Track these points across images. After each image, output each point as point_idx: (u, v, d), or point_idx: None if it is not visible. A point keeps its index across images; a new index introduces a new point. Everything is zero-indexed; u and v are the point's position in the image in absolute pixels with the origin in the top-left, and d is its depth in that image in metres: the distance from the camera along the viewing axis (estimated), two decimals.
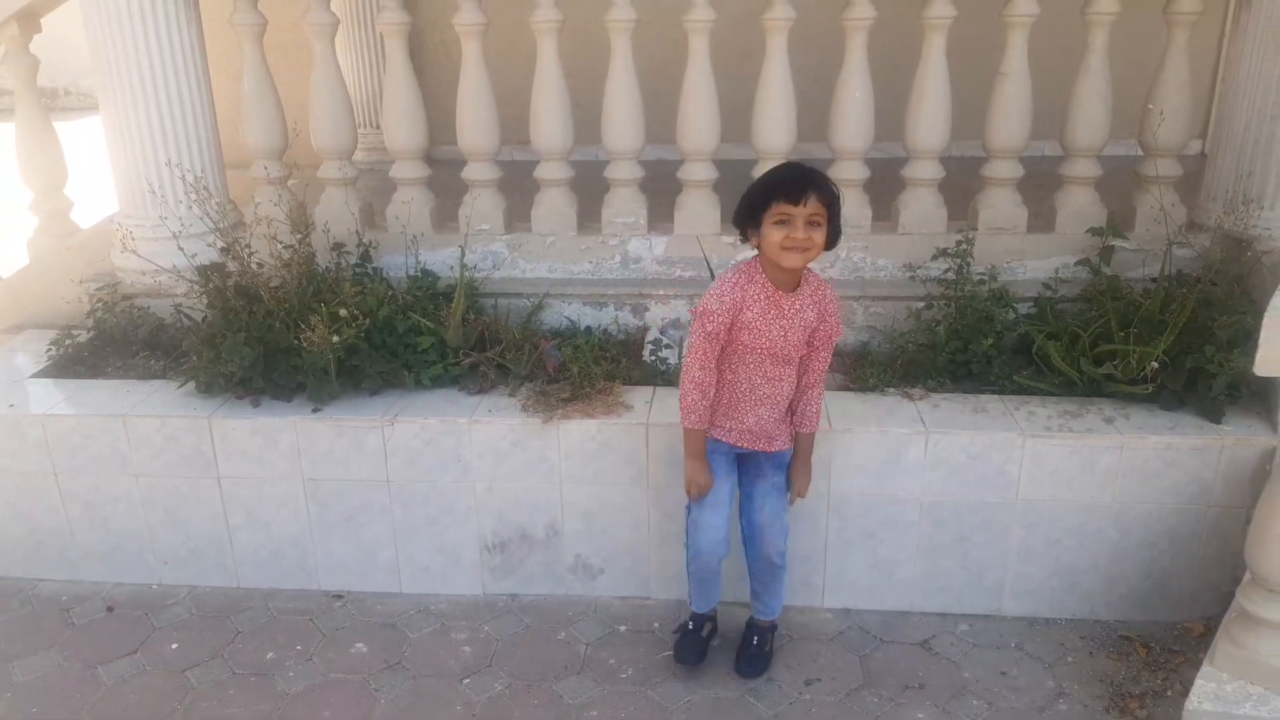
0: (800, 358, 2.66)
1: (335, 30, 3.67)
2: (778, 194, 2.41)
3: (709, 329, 2.54)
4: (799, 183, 2.41)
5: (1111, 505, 2.93)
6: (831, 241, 2.48)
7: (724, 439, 2.73)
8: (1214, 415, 2.93)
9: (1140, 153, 3.58)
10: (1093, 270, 3.39)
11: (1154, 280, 3.31)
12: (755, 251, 2.57)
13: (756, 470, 2.77)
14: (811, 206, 2.40)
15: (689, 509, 2.77)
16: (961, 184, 3.72)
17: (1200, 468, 2.87)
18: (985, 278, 3.36)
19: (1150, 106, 3.44)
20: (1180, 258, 3.37)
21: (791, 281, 2.55)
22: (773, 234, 2.43)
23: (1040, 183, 3.66)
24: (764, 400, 2.66)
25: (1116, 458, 2.88)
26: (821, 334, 2.62)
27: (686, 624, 2.93)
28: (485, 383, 3.25)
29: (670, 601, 3.15)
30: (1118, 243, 3.42)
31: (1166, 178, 3.49)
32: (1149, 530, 2.95)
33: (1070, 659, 2.93)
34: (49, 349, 3.57)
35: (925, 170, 3.58)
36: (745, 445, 2.74)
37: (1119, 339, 3.04)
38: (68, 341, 3.57)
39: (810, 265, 2.56)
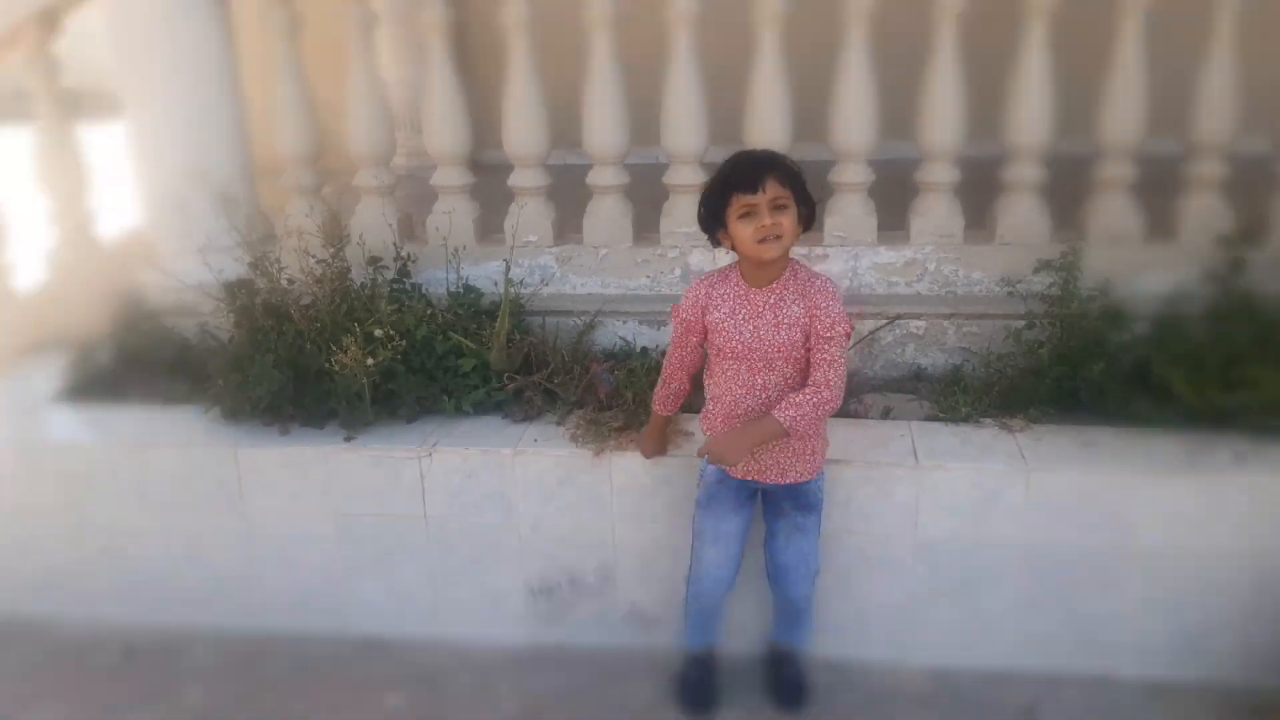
0: (798, 362, 2.48)
1: (373, 27, 3.57)
2: (733, 187, 2.36)
3: (675, 322, 2.59)
4: (752, 170, 2.36)
5: (1245, 554, 2.72)
6: (807, 222, 2.44)
7: (732, 474, 2.60)
8: None
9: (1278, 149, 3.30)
10: (1221, 285, 3.08)
11: None
12: (730, 255, 2.52)
13: (776, 507, 2.65)
14: (772, 191, 2.33)
15: (694, 542, 2.72)
16: (1068, 187, 3.46)
17: None
18: (1095, 294, 3.10)
19: None
20: None
21: (767, 276, 2.45)
22: (741, 230, 2.37)
23: (1160, 185, 3.39)
24: (748, 416, 2.50)
25: (1249, 500, 2.68)
26: (815, 330, 2.43)
27: (687, 670, 2.88)
28: (531, 409, 3.14)
29: (737, 655, 2.93)
30: (1250, 254, 3.10)
31: None
32: None
33: None
34: (67, 371, 3.53)
35: (1026, 172, 3.34)
36: (748, 476, 2.58)
37: (1253, 364, 2.79)
38: (87, 362, 3.53)
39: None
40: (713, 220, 2.42)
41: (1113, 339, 3.01)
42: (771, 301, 2.43)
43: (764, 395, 2.47)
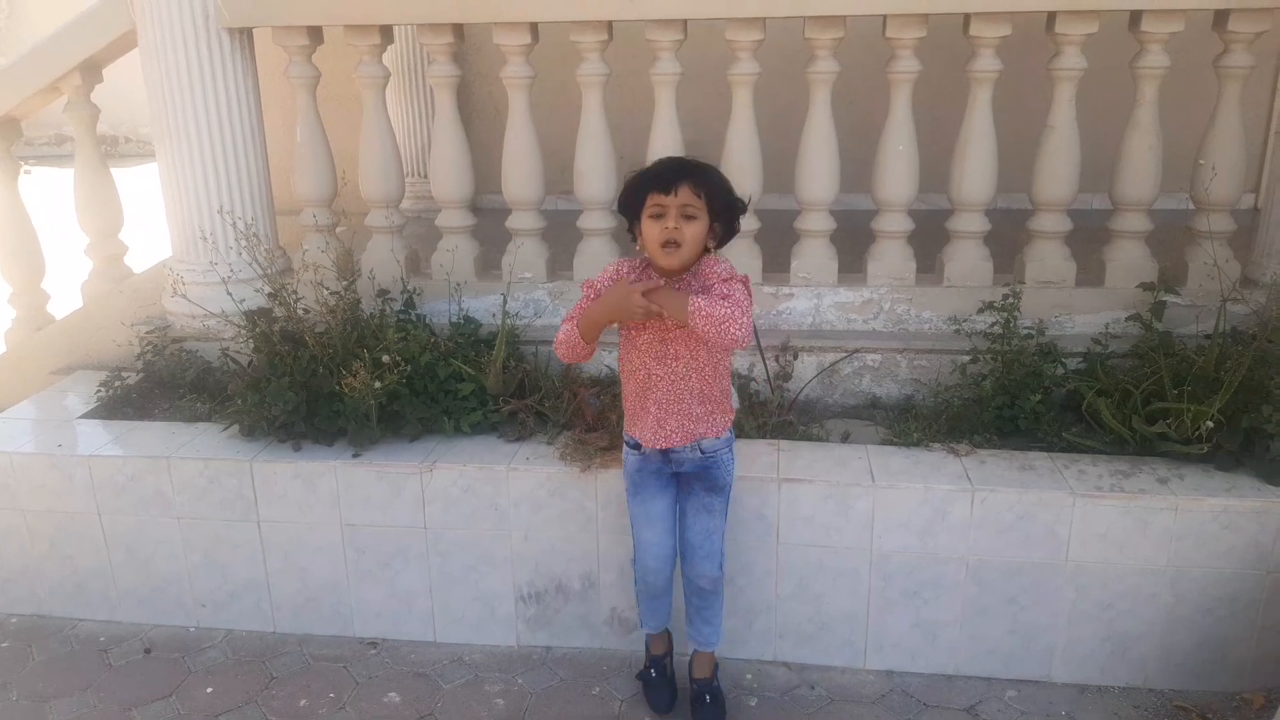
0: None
1: (386, 82, 3.72)
2: (650, 184, 2.34)
3: (591, 293, 2.51)
4: (670, 173, 2.33)
5: (1166, 569, 2.84)
6: (722, 237, 2.41)
7: (642, 441, 2.62)
8: (1273, 477, 2.83)
9: (1192, 207, 3.52)
10: (1144, 326, 3.31)
11: (1208, 337, 3.23)
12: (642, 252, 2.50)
13: (688, 488, 2.70)
14: (684, 197, 2.30)
15: (631, 529, 2.77)
16: (1008, 237, 3.67)
17: (1259, 531, 2.77)
18: (1033, 332, 3.31)
19: (1202, 161, 3.38)
20: (1235, 314, 3.30)
21: (677, 271, 2.45)
22: (649, 229, 2.35)
23: (1089, 236, 3.60)
24: (659, 383, 2.53)
25: (1171, 519, 2.79)
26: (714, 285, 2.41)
27: (648, 670, 2.94)
28: (524, 430, 3.24)
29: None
30: (1169, 298, 3.35)
31: (1220, 232, 3.43)
32: (1205, 595, 2.85)
33: None
34: (98, 390, 3.64)
35: (971, 223, 3.55)
36: (660, 444, 2.59)
37: (1172, 397, 2.96)
38: (117, 383, 3.64)
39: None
40: (629, 213, 2.43)
41: (1048, 373, 3.18)
42: (679, 284, 2.44)
43: (674, 365, 2.50)
